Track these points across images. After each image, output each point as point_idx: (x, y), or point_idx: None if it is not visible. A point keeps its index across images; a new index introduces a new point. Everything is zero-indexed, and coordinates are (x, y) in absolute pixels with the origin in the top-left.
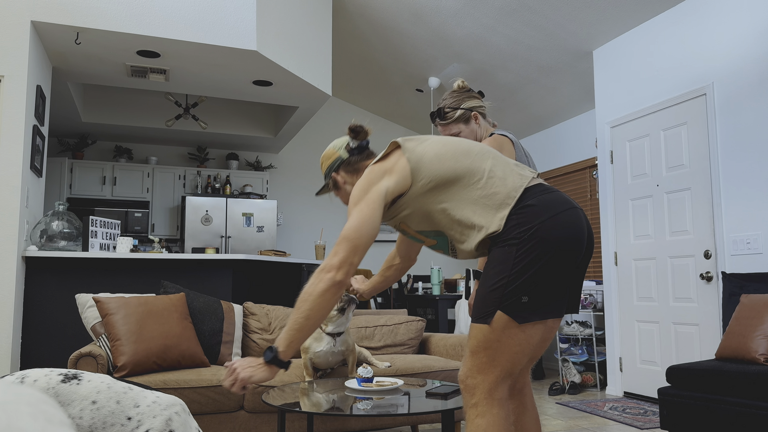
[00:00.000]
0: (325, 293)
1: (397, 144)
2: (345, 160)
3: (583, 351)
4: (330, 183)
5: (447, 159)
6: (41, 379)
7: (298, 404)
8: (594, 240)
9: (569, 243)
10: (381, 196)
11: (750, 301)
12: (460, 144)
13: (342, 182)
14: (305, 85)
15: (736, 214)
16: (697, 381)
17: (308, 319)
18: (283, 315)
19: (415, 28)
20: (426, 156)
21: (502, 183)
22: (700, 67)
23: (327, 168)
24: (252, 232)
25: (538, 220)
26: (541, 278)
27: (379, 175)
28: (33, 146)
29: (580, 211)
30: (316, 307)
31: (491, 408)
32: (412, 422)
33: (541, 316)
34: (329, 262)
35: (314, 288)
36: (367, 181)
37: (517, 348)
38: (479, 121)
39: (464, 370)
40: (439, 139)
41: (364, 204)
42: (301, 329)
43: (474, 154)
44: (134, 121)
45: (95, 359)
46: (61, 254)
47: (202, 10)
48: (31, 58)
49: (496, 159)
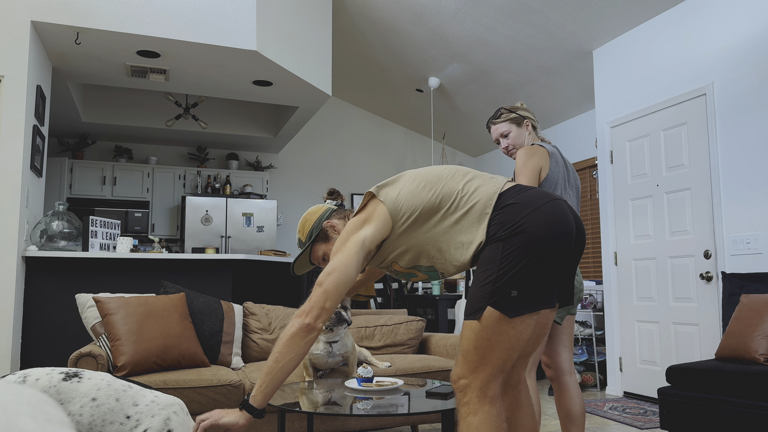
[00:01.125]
0: (294, 336)
1: (372, 194)
2: (335, 209)
3: (583, 351)
4: (321, 233)
5: (420, 191)
6: (43, 377)
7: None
8: (584, 230)
9: (555, 233)
10: (359, 244)
11: (750, 301)
12: (430, 172)
13: (334, 231)
14: (305, 85)
15: (736, 214)
16: (697, 381)
17: (277, 362)
18: (283, 315)
19: (415, 28)
20: (401, 195)
21: (477, 195)
22: (700, 67)
23: (315, 221)
24: (252, 232)
25: (521, 215)
26: (530, 271)
27: (358, 225)
28: (33, 146)
29: (563, 202)
30: (285, 350)
31: (483, 405)
32: (412, 422)
33: (531, 309)
34: (302, 307)
35: (286, 332)
36: (346, 232)
37: (507, 344)
38: (529, 129)
39: (456, 370)
40: (411, 176)
41: (341, 254)
42: (269, 372)
43: (445, 177)
44: (134, 121)
45: (95, 359)
46: (61, 254)
47: (202, 10)
48: (31, 58)
49: (467, 174)
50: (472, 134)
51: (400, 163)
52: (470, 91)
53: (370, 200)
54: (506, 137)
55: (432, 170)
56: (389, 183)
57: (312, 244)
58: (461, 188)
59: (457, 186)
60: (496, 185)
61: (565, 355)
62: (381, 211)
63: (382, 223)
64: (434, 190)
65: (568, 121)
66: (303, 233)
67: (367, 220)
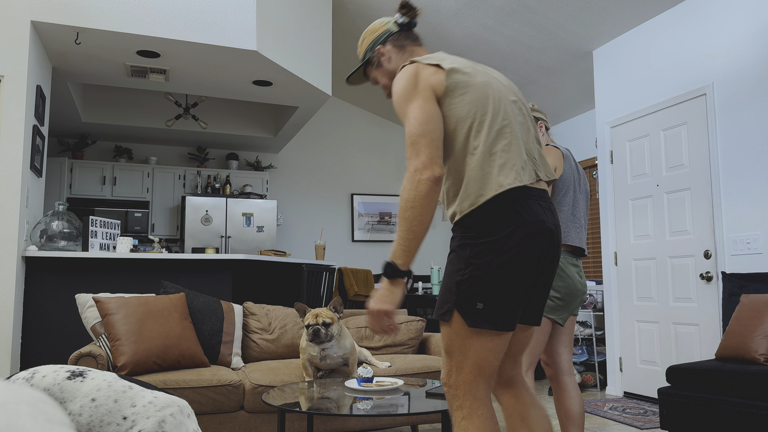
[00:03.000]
0: (430, 193)
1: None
2: (394, 33)
3: (583, 351)
4: (374, 58)
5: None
6: (50, 375)
7: (298, 404)
8: (559, 253)
9: (528, 263)
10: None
11: (750, 301)
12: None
13: (387, 58)
14: (305, 85)
15: (736, 214)
16: (697, 381)
17: (421, 223)
18: (283, 315)
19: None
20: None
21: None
22: (699, 67)
23: (371, 42)
24: (252, 232)
25: (501, 232)
26: (499, 287)
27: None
28: (33, 146)
29: (547, 227)
30: (426, 210)
31: (477, 409)
32: (412, 422)
33: (493, 326)
34: (417, 162)
35: (416, 193)
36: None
37: (478, 349)
38: (542, 130)
39: (444, 371)
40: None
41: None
42: (417, 236)
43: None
44: (134, 121)
45: (95, 359)
46: (61, 254)
47: (202, 10)
48: (31, 58)
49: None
50: None
51: (400, 163)
52: None
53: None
54: None
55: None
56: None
57: (366, 64)
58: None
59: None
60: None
61: (564, 356)
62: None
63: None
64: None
65: (568, 121)
66: (359, 50)
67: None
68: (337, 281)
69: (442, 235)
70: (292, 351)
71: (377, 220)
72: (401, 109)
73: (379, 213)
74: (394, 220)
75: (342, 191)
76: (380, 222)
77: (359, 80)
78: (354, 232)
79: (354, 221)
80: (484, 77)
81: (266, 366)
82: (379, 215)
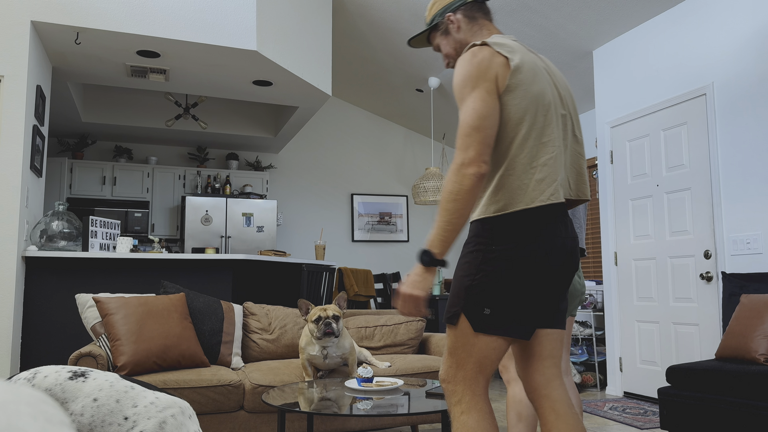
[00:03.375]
0: (474, 189)
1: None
2: (468, 2)
3: (583, 351)
4: (441, 24)
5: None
6: (51, 375)
7: (298, 404)
8: (577, 261)
9: (543, 277)
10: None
11: (750, 301)
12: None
13: (456, 27)
14: (305, 85)
15: (736, 214)
16: (697, 381)
17: (462, 216)
18: (283, 315)
19: (414, 28)
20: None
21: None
22: (699, 67)
23: (442, 8)
24: (252, 232)
25: (523, 251)
26: (509, 293)
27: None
28: (33, 146)
29: (565, 244)
30: (467, 204)
31: (477, 404)
32: (412, 422)
33: (500, 333)
34: (464, 157)
35: (460, 186)
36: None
37: (480, 353)
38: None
39: (444, 368)
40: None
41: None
42: (456, 228)
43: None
44: (134, 121)
45: (95, 359)
46: (61, 254)
47: (202, 10)
48: (31, 58)
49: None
50: None
51: (400, 164)
52: None
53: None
54: None
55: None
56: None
57: (431, 30)
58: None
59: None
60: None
61: (563, 356)
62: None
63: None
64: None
65: None
66: (428, 14)
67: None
68: (337, 281)
69: None
70: (292, 351)
71: (377, 220)
72: (461, 92)
73: (379, 213)
74: (394, 221)
75: (342, 191)
76: (380, 222)
77: (421, 44)
78: (354, 232)
79: (354, 221)
80: (541, 86)
81: (266, 366)
82: (379, 215)
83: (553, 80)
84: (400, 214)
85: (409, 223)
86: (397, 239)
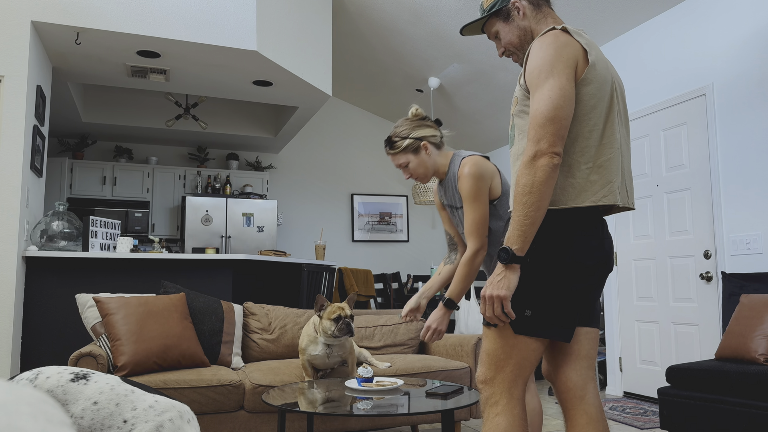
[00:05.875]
0: (549, 180)
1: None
2: None
3: None
4: (504, 10)
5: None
6: (53, 376)
7: (298, 404)
8: (611, 264)
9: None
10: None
11: (750, 301)
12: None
13: (521, 14)
14: (305, 85)
15: (736, 214)
16: (697, 381)
17: (539, 209)
18: (283, 315)
19: (414, 28)
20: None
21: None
22: (699, 67)
23: None
24: (252, 232)
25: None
26: (551, 295)
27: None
28: (33, 146)
29: (604, 247)
30: (544, 196)
31: (513, 408)
32: (412, 422)
33: (540, 334)
34: (537, 148)
35: (534, 178)
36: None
37: (519, 356)
38: (429, 152)
39: (481, 370)
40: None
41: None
42: (534, 222)
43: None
44: (134, 121)
45: (95, 359)
46: (61, 254)
47: (202, 10)
48: (31, 58)
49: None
50: (472, 135)
51: None
52: (470, 91)
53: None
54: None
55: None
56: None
57: (490, 16)
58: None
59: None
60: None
61: None
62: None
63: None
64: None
65: None
66: (486, 0)
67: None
68: (337, 281)
69: (441, 235)
70: (292, 351)
71: (377, 220)
72: (538, 78)
73: (379, 213)
74: (394, 221)
75: (342, 191)
76: (380, 222)
77: (474, 32)
78: (354, 232)
79: (354, 221)
80: (609, 86)
81: (266, 366)
82: (379, 215)
83: (614, 81)
84: (400, 214)
85: (409, 223)
86: (397, 239)
